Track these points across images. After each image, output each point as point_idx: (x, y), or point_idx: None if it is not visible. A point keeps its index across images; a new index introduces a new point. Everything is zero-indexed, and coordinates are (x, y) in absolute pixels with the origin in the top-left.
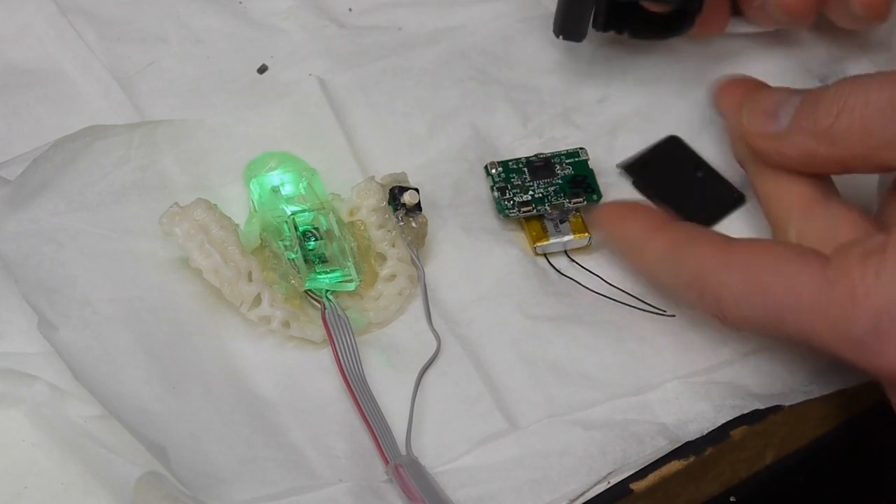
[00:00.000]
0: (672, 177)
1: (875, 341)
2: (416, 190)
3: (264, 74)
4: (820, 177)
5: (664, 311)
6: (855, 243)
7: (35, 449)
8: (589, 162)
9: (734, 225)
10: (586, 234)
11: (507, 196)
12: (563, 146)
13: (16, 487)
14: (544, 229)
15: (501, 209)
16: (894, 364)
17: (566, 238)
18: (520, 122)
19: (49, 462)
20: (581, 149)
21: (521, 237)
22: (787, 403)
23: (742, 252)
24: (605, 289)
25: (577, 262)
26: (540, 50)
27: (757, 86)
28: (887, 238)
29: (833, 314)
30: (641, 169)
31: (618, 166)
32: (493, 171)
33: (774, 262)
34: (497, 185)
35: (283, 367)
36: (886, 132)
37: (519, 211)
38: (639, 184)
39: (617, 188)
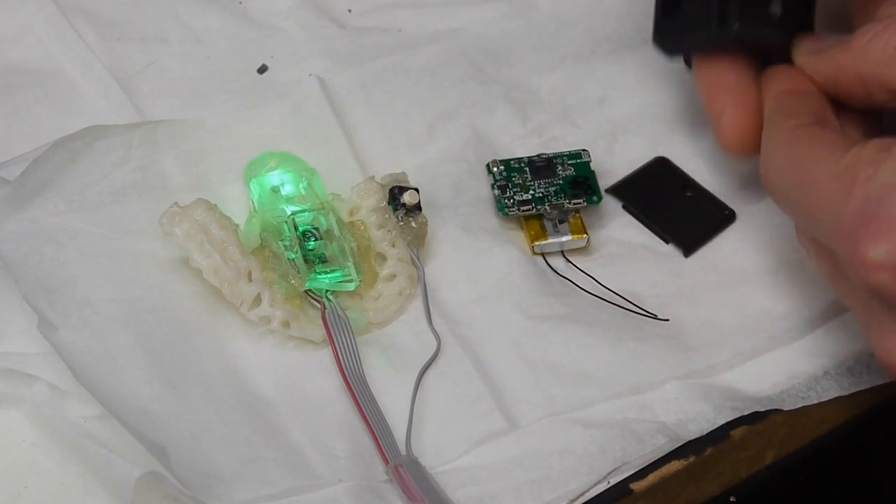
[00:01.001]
0: (661, 197)
1: (858, 227)
2: (416, 190)
3: (264, 74)
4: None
5: (655, 315)
6: (877, 139)
7: (35, 449)
8: (590, 164)
9: (727, 242)
10: (585, 235)
11: (508, 194)
12: (562, 146)
13: (16, 487)
14: (543, 229)
15: (501, 207)
16: (871, 253)
17: (564, 238)
18: (519, 122)
19: (49, 462)
20: (583, 150)
21: (520, 237)
22: (787, 408)
23: (803, 133)
24: (600, 290)
25: (572, 263)
26: (539, 50)
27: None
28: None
29: (834, 199)
30: (630, 191)
31: (606, 191)
32: (495, 168)
33: (811, 143)
34: (498, 184)
35: (283, 367)
36: None
37: (518, 209)
38: (629, 206)
39: (608, 199)
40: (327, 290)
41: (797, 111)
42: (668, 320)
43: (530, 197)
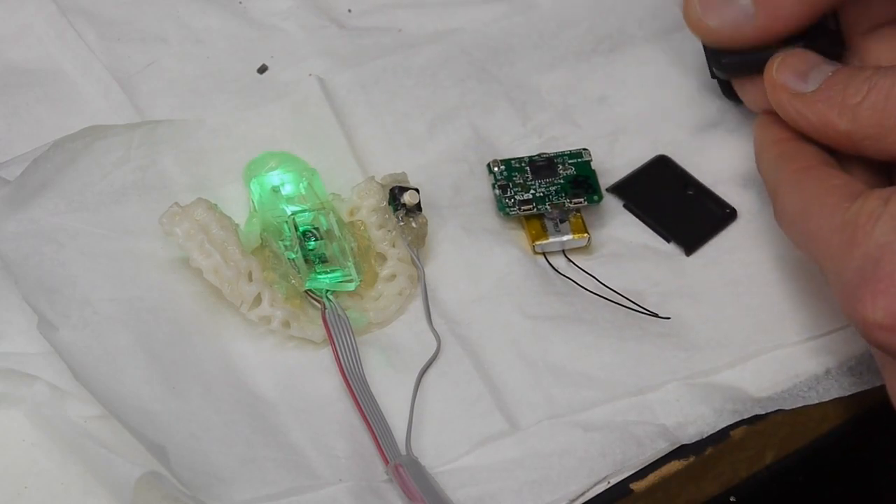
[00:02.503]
0: (662, 196)
1: (857, 287)
2: (417, 190)
3: (264, 74)
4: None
5: (656, 313)
6: (877, 190)
7: (35, 449)
8: (591, 163)
9: (728, 240)
10: (586, 235)
11: (509, 194)
12: (563, 146)
13: (16, 487)
14: (544, 228)
15: (502, 207)
16: (872, 308)
17: (565, 238)
18: (520, 122)
19: (49, 462)
20: (584, 149)
21: (521, 237)
22: (787, 407)
23: (810, 177)
24: (601, 290)
25: (574, 263)
26: (540, 49)
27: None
28: (894, 190)
29: (838, 253)
30: (631, 190)
31: (607, 190)
32: (496, 168)
33: (818, 189)
34: (499, 183)
35: (283, 367)
36: None
37: (519, 209)
38: (629, 205)
39: (608, 199)
40: (327, 290)
41: (801, 153)
42: (669, 318)
43: (531, 196)
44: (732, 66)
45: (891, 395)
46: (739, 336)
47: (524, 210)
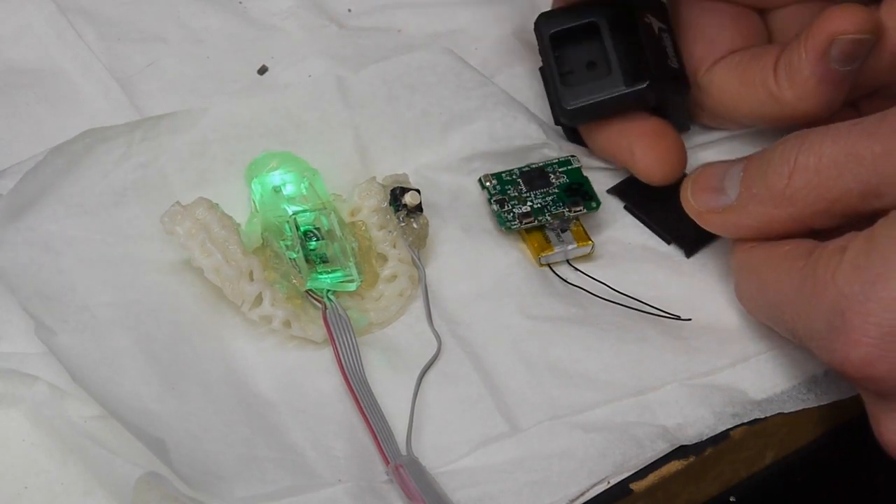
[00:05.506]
0: (663, 198)
1: (829, 337)
2: (418, 191)
3: (264, 75)
4: None
5: (678, 315)
6: (831, 241)
7: (35, 449)
8: (582, 169)
9: (728, 242)
10: (590, 243)
11: (507, 208)
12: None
13: (16, 487)
14: (547, 240)
15: (503, 222)
16: (845, 359)
17: (570, 247)
18: (521, 124)
19: (49, 462)
20: (571, 156)
21: (522, 237)
22: (786, 410)
23: (759, 251)
24: (613, 295)
25: (580, 271)
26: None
27: None
28: (852, 237)
29: (803, 310)
30: (632, 191)
31: (608, 191)
32: (488, 183)
33: (773, 262)
34: (495, 199)
35: (284, 367)
36: (842, 182)
37: (521, 223)
38: (630, 207)
39: (609, 200)
40: (328, 290)
41: None
42: (690, 320)
43: (529, 209)
44: (578, 114)
45: (877, 434)
46: (739, 337)
47: (525, 223)
